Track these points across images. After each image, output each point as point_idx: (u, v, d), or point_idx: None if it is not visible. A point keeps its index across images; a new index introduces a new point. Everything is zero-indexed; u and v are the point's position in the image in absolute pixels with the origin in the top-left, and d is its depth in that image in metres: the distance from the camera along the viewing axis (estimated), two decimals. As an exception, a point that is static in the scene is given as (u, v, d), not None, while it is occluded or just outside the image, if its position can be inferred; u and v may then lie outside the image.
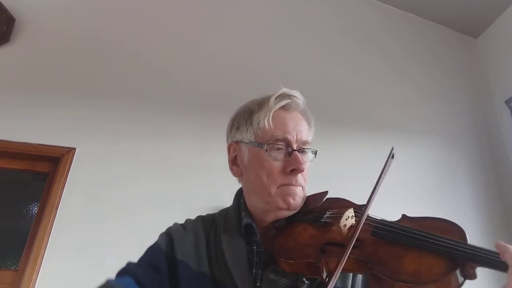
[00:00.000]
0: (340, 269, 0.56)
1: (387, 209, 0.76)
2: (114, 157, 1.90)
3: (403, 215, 0.70)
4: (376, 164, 2.57)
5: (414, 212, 0.69)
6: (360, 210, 0.72)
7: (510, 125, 2.79)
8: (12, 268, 1.70)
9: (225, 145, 0.85)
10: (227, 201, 0.86)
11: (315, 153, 0.80)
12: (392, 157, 0.68)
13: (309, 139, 0.80)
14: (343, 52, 2.79)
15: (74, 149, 1.85)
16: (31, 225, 1.74)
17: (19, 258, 1.68)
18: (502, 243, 0.53)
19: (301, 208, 0.76)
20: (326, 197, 0.80)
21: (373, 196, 0.64)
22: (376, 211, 0.66)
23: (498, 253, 0.53)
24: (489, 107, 3.01)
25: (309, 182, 0.80)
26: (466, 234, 0.59)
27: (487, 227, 2.53)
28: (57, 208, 1.70)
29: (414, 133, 2.67)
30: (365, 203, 0.65)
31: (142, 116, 2.05)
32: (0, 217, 1.84)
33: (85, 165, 1.83)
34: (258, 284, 0.69)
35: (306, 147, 0.78)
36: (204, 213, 0.85)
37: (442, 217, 0.65)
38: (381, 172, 0.66)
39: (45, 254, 1.60)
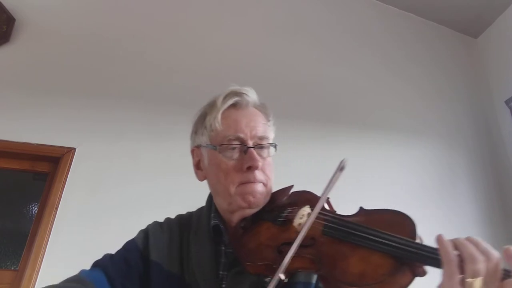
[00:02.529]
0: (281, 270, 0.54)
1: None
2: (114, 157, 1.90)
3: (360, 208, 0.69)
4: (377, 164, 2.56)
5: (414, 212, 0.68)
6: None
7: (510, 125, 2.79)
8: (12, 268, 1.71)
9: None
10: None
11: (275, 146, 0.79)
12: (341, 169, 0.65)
13: (268, 133, 0.79)
14: (343, 52, 2.79)
15: (74, 149, 1.85)
16: (31, 225, 1.74)
17: (19, 258, 1.68)
18: (445, 240, 0.52)
19: (266, 205, 0.75)
20: (292, 191, 0.79)
21: (325, 193, 0.62)
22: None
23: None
24: (489, 107, 3.01)
25: (310, 182, 0.79)
26: (416, 229, 0.58)
27: (487, 227, 2.53)
28: (57, 208, 1.70)
29: (414, 133, 2.67)
30: (318, 202, 0.62)
31: (142, 116, 2.05)
32: (0, 217, 1.84)
33: (85, 165, 1.83)
34: (223, 286, 0.69)
35: (263, 142, 0.77)
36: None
37: (396, 209, 0.64)
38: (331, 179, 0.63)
39: (45, 254, 1.60)
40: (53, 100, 1.93)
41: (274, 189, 0.80)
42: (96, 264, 0.71)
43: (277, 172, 0.79)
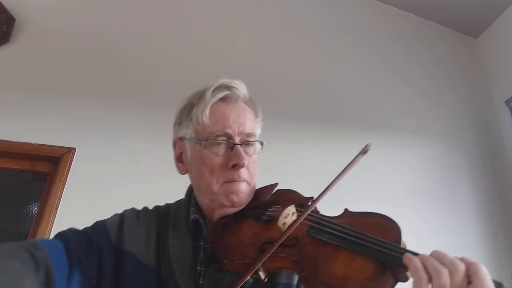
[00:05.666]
0: (256, 267, 0.53)
1: (387, 209, 0.75)
2: (114, 157, 1.90)
3: (345, 210, 0.68)
4: (377, 164, 2.55)
5: (415, 212, 0.68)
6: (305, 204, 0.70)
7: (510, 125, 2.79)
8: (12, 268, 1.70)
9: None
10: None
11: (262, 143, 0.77)
12: (365, 152, 0.66)
13: (255, 130, 0.77)
14: (342, 52, 2.79)
15: (74, 149, 1.85)
16: (31, 225, 1.74)
17: (19, 258, 1.68)
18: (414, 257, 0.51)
19: (249, 202, 0.74)
20: (276, 189, 0.78)
21: (322, 195, 0.62)
22: (375, 211, 0.65)
23: None
24: (489, 107, 3.01)
25: (310, 182, 0.79)
26: (401, 233, 0.57)
27: (487, 226, 2.53)
28: (57, 208, 1.70)
29: (414, 133, 2.67)
30: (312, 201, 0.63)
31: (142, 116, 2.05)
32: (0, 217, 1.84)
33: (85, 165, 1.83)
34: (200, 281, 0.67)
35: (250, 139, 0.75)
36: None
37: (382, 213, 0.63)
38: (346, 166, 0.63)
39: (45, 254, 1.60)
40: (53, 100, 1.93)
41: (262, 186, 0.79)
42: (58, 235, 0.69)
43: (276, 172, 0.79)
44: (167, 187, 1.91)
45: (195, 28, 2.43)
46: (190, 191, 0.81)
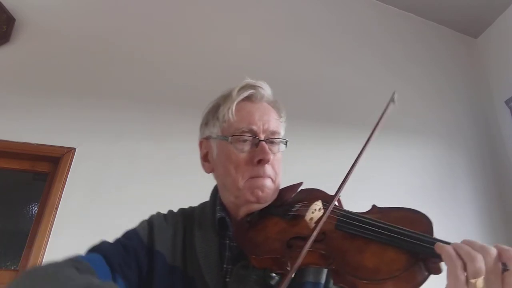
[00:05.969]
0: (298, 264, 0.54)
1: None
2: (114, 157, 1.90)
3: (373, 206, 0.69)
4: (377, 164, 2.54)
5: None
6: (331, 201, 0.69)
7: (510, 125, 2.79)
8: (12, 268, 1.70)
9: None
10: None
11: (286, 143, 0.79)
12: (393, 101, 0.66)
13: (279, 129, 0.79)
14: (342, 52, 2.79)
15: (74, 149, 1.85)
16: (31, 225, 1.74)
17: (19, 258, 1.68)
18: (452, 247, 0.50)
19: (274, 201, 0.75)
20: (301, 188, 0.79)
21: (342, 187, 0.63)
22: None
23: None
24: (489, 107, 3.01)
25: (310, 182, 0.79)
26: (433, 226, 0.57)
27: (487, 226, 2.53)
28: (57, 208, 1.70)
29: (414, 133, 2.67)
30: (334, 194, 0.63)
31: (142, 116, 2.05)
32: (0, 217, 1.84)
33: (85, 165, 1.83)
34: (227, 279, 0.68)
35: (275, 138, 0.77)
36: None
37: (412, 208, 0.63)
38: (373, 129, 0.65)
39: (45, 254, 1.60)
40: (53, 100, 1.93)
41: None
42: (93, 249, 0.69)
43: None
44: (167, 187, 1.91)
45: (195, 28, 2.43)
46: (215, 191, 0.83)
